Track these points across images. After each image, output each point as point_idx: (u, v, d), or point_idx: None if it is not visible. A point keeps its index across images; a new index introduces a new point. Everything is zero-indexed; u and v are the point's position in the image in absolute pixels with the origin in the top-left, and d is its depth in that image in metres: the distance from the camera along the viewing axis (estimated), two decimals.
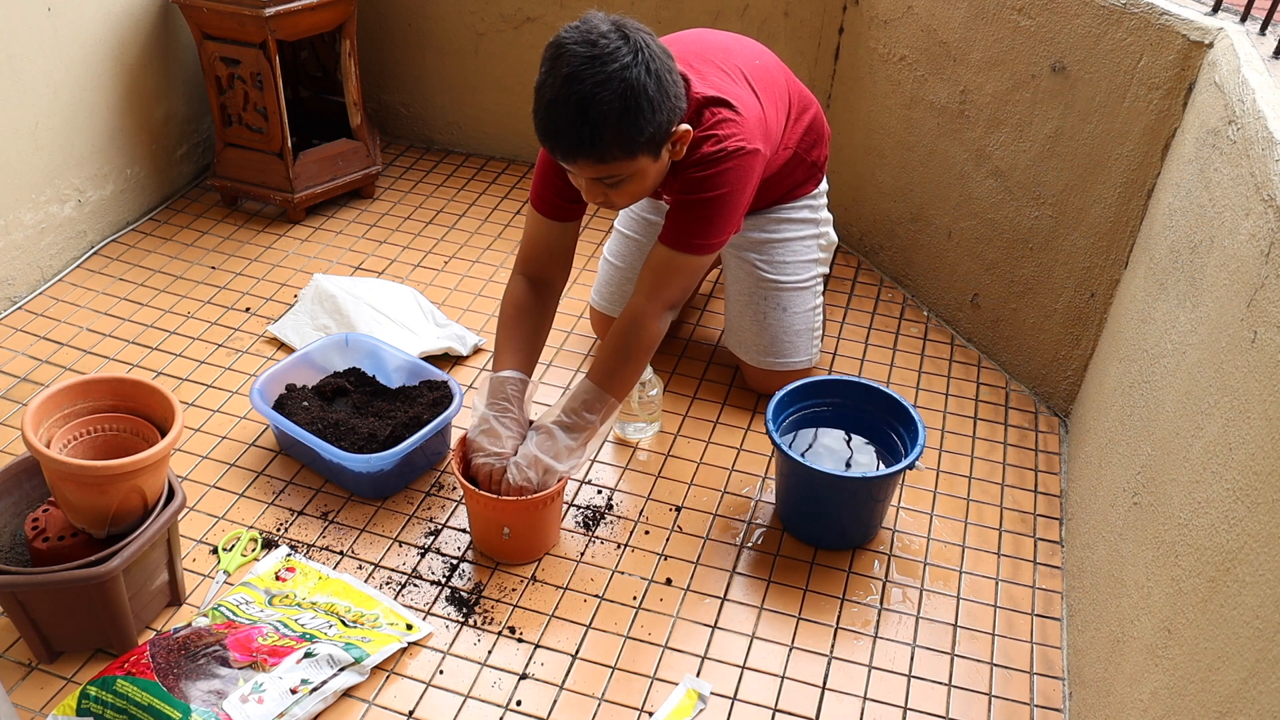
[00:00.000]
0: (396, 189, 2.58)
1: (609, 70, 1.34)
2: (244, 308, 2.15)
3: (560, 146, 1.39)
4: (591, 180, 1.45)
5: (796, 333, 1.88)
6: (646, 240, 1.92)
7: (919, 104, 2.03)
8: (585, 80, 1.33)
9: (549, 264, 1.67)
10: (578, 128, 1.35)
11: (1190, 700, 1.01)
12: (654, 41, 1.40)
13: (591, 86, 1.33)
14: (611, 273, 1.98)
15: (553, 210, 1.63)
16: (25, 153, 2.07)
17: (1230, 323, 1.13)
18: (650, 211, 1.93)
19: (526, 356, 1.63)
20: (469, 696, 1.43)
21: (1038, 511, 1.75)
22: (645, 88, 1.35)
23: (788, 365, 1.89)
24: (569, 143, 1.38)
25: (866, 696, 1.45)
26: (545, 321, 1.68)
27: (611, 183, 1.45)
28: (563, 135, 1.38)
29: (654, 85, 1.37)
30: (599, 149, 1.37)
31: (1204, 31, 1.49)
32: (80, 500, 1.34)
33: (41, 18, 2.03)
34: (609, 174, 1.43)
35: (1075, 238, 1.77)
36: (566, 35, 1.37)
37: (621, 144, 1.38)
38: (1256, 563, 0.94)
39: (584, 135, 1.36)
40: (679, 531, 1.69)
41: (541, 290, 1.67)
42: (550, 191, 1.61)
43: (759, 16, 2.27)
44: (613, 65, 1.34)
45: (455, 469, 1.57)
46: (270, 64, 2.20)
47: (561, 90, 1.35)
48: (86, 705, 1.30)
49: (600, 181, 1.45)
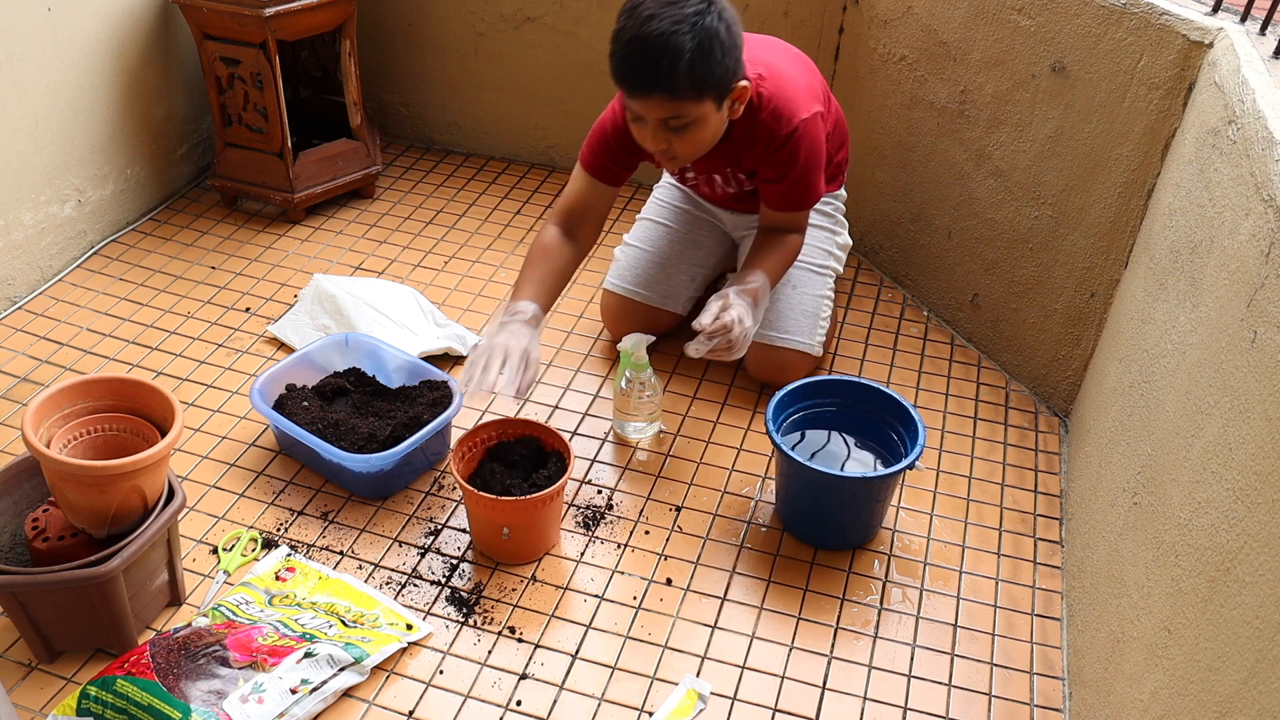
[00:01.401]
0: (396, 189, 2.58)
1: (686, 13, 1.47)
2: (244, 308, 2.15)
3: (637, 80, 1.50)
4: (658, 123, 1.55)
5: (802, 312, 1.89)
6: (680, 229, 2.02)
7: (919, 104, 2.03)
8: (664, 19, 1.46)
9: (584, 220, 1.79)
10: (656, 61, 1.47)
11: (1190, 700, 1.01)
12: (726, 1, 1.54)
13: (670, 24, 1.46)
14: (638, 257, 2.02)
15: (603, 172, 1.76)
16: (25, 153, 2.07)
17: (1230, 323, 1.13)
18: (685, 202, 2.03)
19: (546, 292, 1.72)
20: (469, 696, 1.43)
21: (1038, 511, 1.75)
22: (718, 33, 1.49)
23: (788, 343, 1.88)
24: (646, 77, 1.49)
25: (866, 696, 1.45)
26: (570, 267, 1.78)
27: (677, 124, 1.55)
28: (640, 69, 1.49)
29: (725, 33, 1.50)
30: (673, 84, 1.48)
31: (1204, 31, 1.49)
32: (80, 500, 1.34)
33: (41, 17, 2.03)
34: (677, 113, 1.53)
35: (1075, 238, 1.77)
36: None
37: (693, 82, 1.49)
38: (1256, 563, 0.94)
39: (661, 69, 1.47)
40: (679, 531, 1.69)
41: (570, 241, 1.78)
42: (604, 154, 1.74)
43: (759, 16, 2.27)
44: (689, 9, 1.47)
45: (454, 470, 1.57)
46: (270, 64, 2.20)
47: (642, 29, 1.47)
48: (86, 705, 1.30)
49: (666, 125, 1.55)
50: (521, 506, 1.52)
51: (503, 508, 1.52)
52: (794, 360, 1.88)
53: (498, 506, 1.52)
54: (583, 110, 2.53)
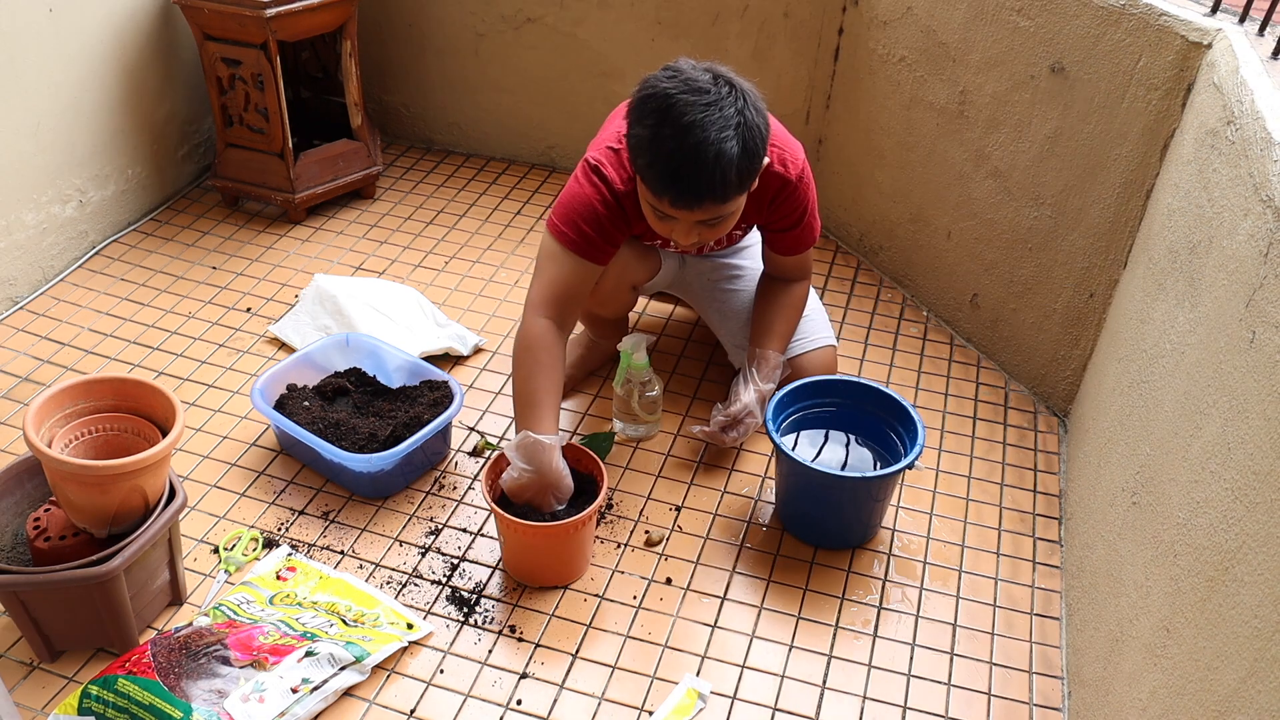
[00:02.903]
0: (397, 189, 2.58)
1: (727, 115, 1.36)
2: (245, 308, 2.15)
3: (687, 194, 1.39)
4: (695, 223, 1.46)
5: (814, 309, 1.88)
6: None
7: (918, 104, 2.03)
8: (709, 128, 1.35)
9: (576, 304, 1.62)
10: (710, 176, 1.37)
11: (1189, 699, 1.02)
12: (741, 78, 1.43)
13: (716, 132, 1.35)
14: None
15: (595, 253, 1.59)
16: (27, 153, 2.07)
17: (1229, 323, 1.13)
18: None
19: (558, 412, 1.56)
20: (469, 696, 1.43)
21: (1037, 511, 1.75)
22: (758, 127, 1.40)
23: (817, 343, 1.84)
24: (698, 190, 1.39)
25: (866, 696, 1.45)
26: (564, 369, 1.65)
27: (714, 222, 1.47)
28: (691, 183, 1.38)
29: (762, 124, 1.42)
30: (725, 192, 1.40)
31: (1203, 32, 1.49)
32: (81, 500, 1.34)
33: (43, 18, 2.04)
34: (720, 214, 1.45)
35: (1074, 238, 1.78)
36: (668, 86, 1.38)
37: (741, 183, 1.41)
38: (1255, 562, 0.94)
39: (715, 181, 1.37)
40: (679, 531, 1.69)
41: (563, 336, 1.61)
42: (598, 236, 1.57)
43: (759, 17, 2.27)
44: (729, 110, 1.37)
45: (486, 494, 1.54)
46: (271, 64, 2.20)
47: (686, 139, 1.35)
48: (88, 704, 1.30)
49: (702, 223, 1.47)
50: (556, 531, 1.50)
51: (538, 532, 1.50)
52: (826, 356, 1.84)
53: (533, 532, 1.50)
54: (583, 110, 2.53)
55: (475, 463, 1.81)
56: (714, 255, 1.94)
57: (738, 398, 1.73)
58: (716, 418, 1.73)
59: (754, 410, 1.72)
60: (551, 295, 1.58)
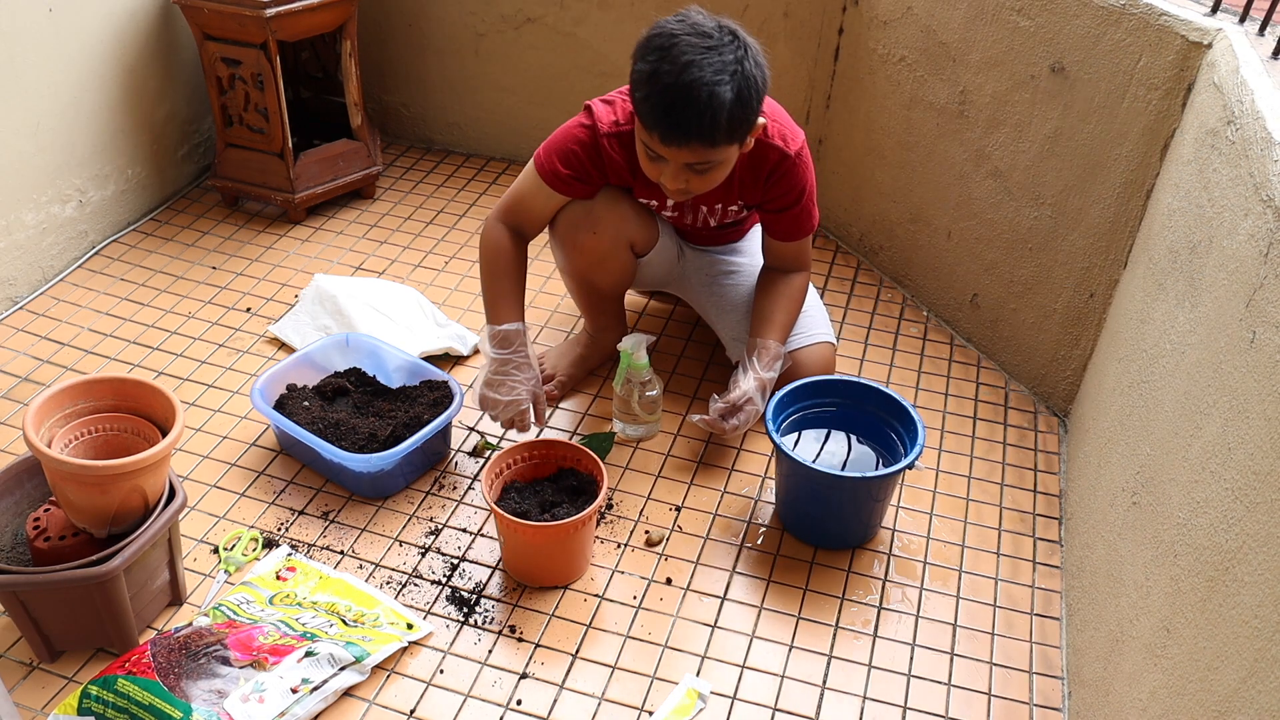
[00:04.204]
0: (397, 189, 2.58)
1: (726, 60, 1.41)
2: (245, 308, 2.15)
3: (676, 130, 1.44)
4: (682, 166, 1.51)
5: (812, 305, 1.88)
6: None
7: (918, 104, 2.03)
8: (706, 68, 1.40)
9: (535, 222, 1.75)
10: (700, 114, 1.41)
11: (1189, 699, 1.02)
12: (750, 36, 1.48)
13: (713, 73, 1.40)
14: None
15: (565, 188, 1.69)
16: (27, 153, 2.07)
17: (1229, 323, 1.13)
18: None
19: (521, 304, 1.72)
20: (469, 696, 1.43)
21: (1037, 511, 1.75)
22: (755, 79, 1.44)
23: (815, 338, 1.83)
24: (686, 128, 1.43)
25: (866, 696, 1.45)
26: (525, 269, 1.76)
27: (702, 169, 1.51)
28: (682, 120, 1.42)
29: (761, 78, 1.46)
30: (714, 134, 1.43)
31: (1203, 32, 1.49)
32: (81, 500, 1.34)
33: (43, 18, 2.04)
34: (707, 159, 1.49)
35: (1074, 238, 1.78)
36: (674, 27, 1.45)
37: (731, 130, 1.45)
38: (1255, 562, 0.94)
39: (704, 121, 1.41)
40: (679, 531, 1.69)
41: (521, 240, 1.75)
42: (573, 174, 1.67)
43: (759, 17, 2.27)
44: (729, 56, 1.42)
45: (486, 494, 1.54)
46: (271, 64, 2.20)
47: (682, 76, 1.41)
48: (87, 704, 1.30)
49: (690, 167, 1.51)
50: (556, 531, 1.50)
51: (538, 532, 1.50)
52: (824, 353, 1.83)
53: (533, 531, 1.50)
54: None
55: (475, 463, 1.81)
56: (711, 250, 1.94)
57: (737, 385, 1.73)
58: (716, 405, 1.73)
59: (754, 397, 1.71)
60: (512, 205, 1.73)
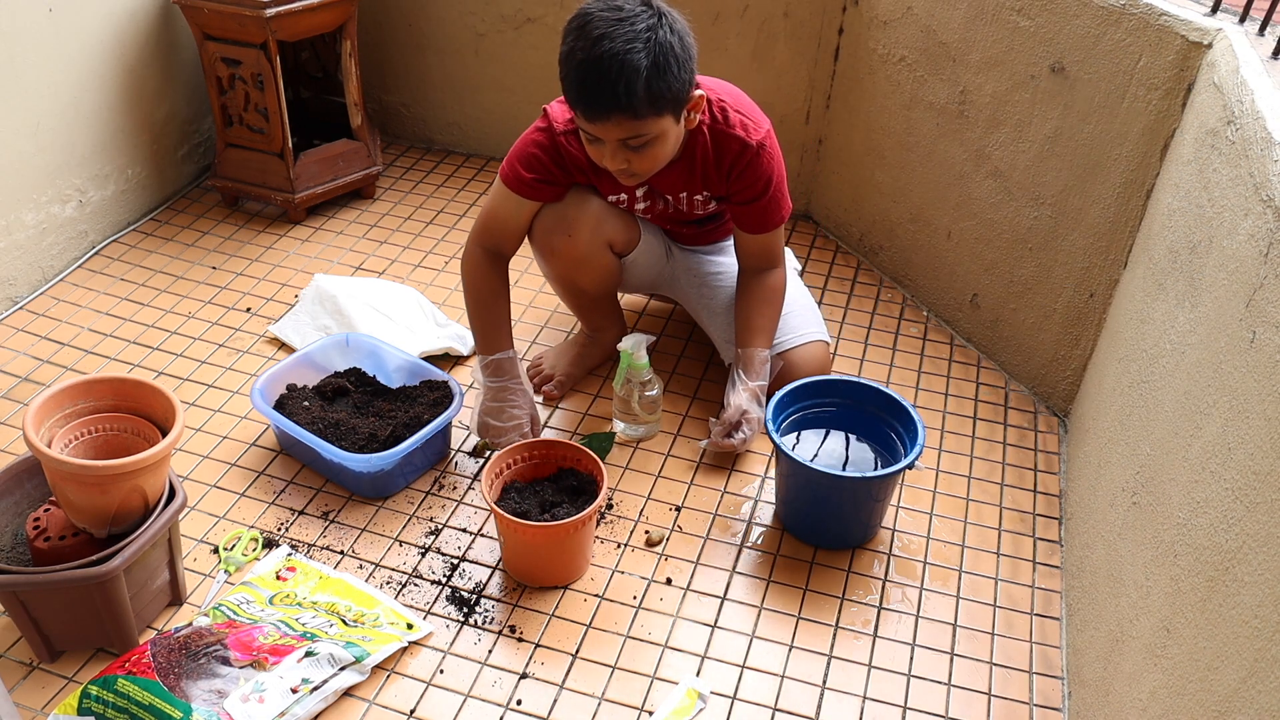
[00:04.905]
0: (397, 189, 2.58)
1: (637, 29, 1.43)
2: (245, 308, 2.15)
3: (594, 105, 1.46)
4: (617, 144, 1.52)
5: (803, 306, 1.87)
6: None
7: (918, 104, 2.03)
8: (617, 39, 1.42)
9: (514, 238, 1.77)
10: (614, 84, 1.42)
11: (1189, 699, 1.02)
12: (670, 8, 1.50)
13: (624, 43, 1.42)
14: None
15: (532, 192, 1.71)
16: (27, 153, 2.07)
17: (1229, 323, 1.13)
18: None
19: (510, 331, 1.78)
20: (469, 696, 1.43)
21: (1037, 511, 1.75)
22: (671, 46, 1.45)
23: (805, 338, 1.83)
24: (604, 100, 1.44)
25: (866, 696, 1.45)
26: (508, 292, 1.80)
27: (637, 144, 1.52)
28: (598, 93, 1.44)
29: (679, 45, 1.47)
30: (633, 105, 1.44)
31: (1203, 32, 1.49)
32: (81, 500, 1.34)
33: (43, 18, 2.04)
34: (637, 133, 1.50)
35: (1074, 238, 1.78)
36: (591, 6, 1.47)
37: (652, 100, 1.45)
38: (1255, 562, 0.94)
39: (620, 91, 1.43)
40: (679, 531, 1.69)
41: (501, 262, 1.78)
42: (535, 177, 1.68)
43: (759, 17, 2.27)
44: (640, 25, 1.43)
45: (486, 494, 1.54)
46: (271, 64, 2.20)
47: (594, 50, 1.42)
48: (87, 705, 1.30)
49: (625, 144, 1.51)
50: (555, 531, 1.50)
51: (538, 532, 1.50)
52: (817, 351, 1.83)
53: (533, 531, 1.50)
54: None
55: (475, 463, 1.81)
56: (699, 250, 1.95)
57: (729, 401, 1.75)
58: (715, 428, 1.76)
59: (748, 409, 1.73)
60: (486, 223, 1.76)
